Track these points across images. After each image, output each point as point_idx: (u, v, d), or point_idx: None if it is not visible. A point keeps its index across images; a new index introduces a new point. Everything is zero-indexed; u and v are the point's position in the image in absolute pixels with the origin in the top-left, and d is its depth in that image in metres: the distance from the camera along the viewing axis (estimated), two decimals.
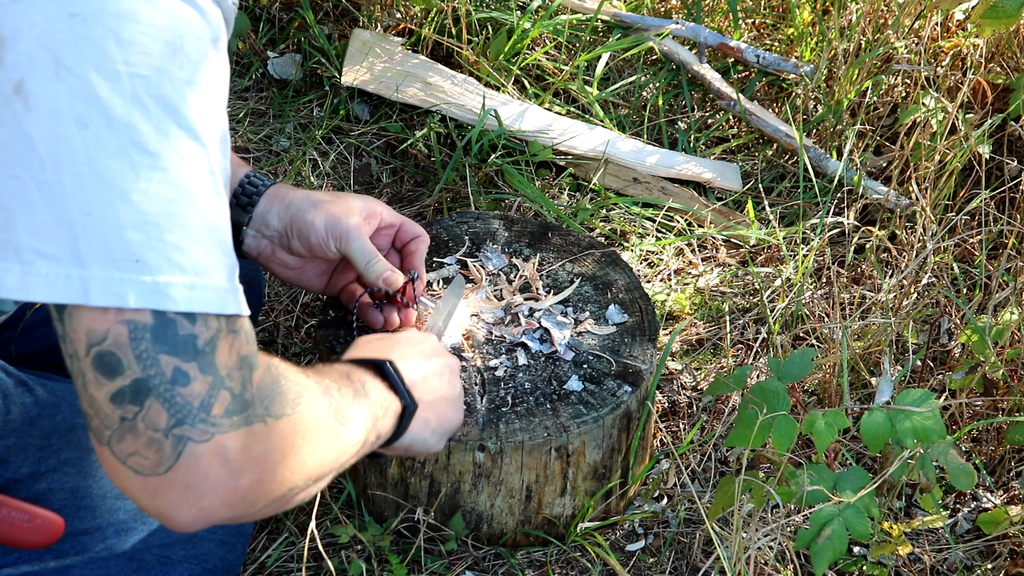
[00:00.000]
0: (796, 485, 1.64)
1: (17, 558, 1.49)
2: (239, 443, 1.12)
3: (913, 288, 2.22)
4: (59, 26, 1.03)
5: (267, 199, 1.70)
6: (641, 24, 2.86)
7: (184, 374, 1.08)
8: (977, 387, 1.99)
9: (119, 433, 1.09)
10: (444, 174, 2.53)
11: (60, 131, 1.04)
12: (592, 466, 1.82)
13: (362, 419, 1.34)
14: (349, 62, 2.71)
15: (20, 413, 1.47)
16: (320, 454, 1.24)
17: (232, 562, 1.62)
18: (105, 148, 1.04)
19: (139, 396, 1.08)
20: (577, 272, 2.00)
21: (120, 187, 1.04)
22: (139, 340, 1.07)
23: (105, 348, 1.07)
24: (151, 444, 1.09)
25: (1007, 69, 2.57)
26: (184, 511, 1.12)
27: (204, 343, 1.09)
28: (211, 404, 1.10)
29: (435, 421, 1.55)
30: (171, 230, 1.06)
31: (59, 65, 1.03)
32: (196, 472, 1.10)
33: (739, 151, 2.78)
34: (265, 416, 1.15)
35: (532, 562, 1.88)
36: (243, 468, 1.13)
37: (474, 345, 1.85)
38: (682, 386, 2.20)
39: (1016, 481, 2.02)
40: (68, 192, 1.04)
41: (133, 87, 1.04)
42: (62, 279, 1.05)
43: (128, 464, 1.10)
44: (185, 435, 1.09)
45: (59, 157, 1.04)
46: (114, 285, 1.05)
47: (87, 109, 1.04)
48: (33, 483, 1.48)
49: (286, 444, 1.17)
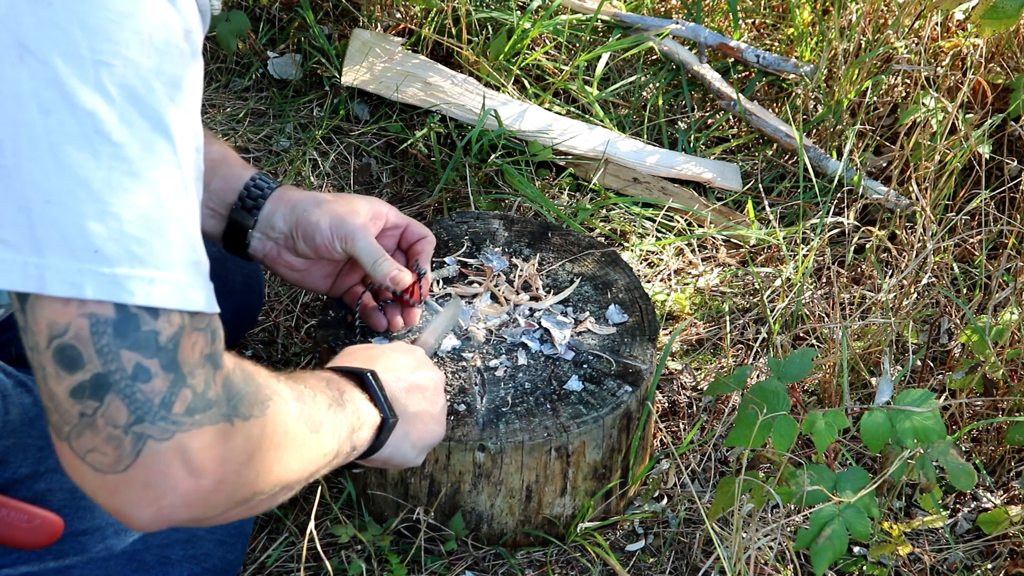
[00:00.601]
0: (796, 485, 1.64)
1: (17, 558, 1.49)
2: (201, 442, 1.09)
3: (913, 288, 2.22)
4: (24, 9, 1.01)
5: (272, 201, 1.69)
6: (641, 24, 2.86)
7: (145, 370, 1.06)
8: (977, 387, 1.99)
9: (78, 429, 1.07)
10: (444, 174, 2.53)
11: (22, 116, 1.02)
12: (592, 466, 1.82)
13: (336, 429, 1.32)
14: (349, 62, 2.71)
15: (19, 413, 1.47)
16: (288, 460, 1.22)
17: (232, 562, 1.62)
18: (67, 135, 1.02)
19: (99, 391, 1.05)
20: (577, 272, 2.00)
21: (81, 176, 1.02)
22: (100, 334, 1.04)
23: (66, 341, 1.04)
24: (110, 441, 1.07)
25: (1007, 69, 2.57)
26: (142, 510, 1.09)
27: (166, 340, 1.07)
28: (172, 402, 1.07)
29: (415, 435, 1.54)
30: (132, 222, 1.04)
31: (23, 49, 1.01)
32: (155, 471, 1.08)
33: (739, 151, 2.78)
34: (231, 416, 1.12)
35: (532, 562, 1.88)
36: (205, 468, 1.10)
37: (474, 345, 1.86)
38: (682, 386, 2.20)
39: (1016, 481, 2.02)
40: (28, 178, 1.02)
41: (98, 75, 1.02)
42: (19, 266, 1.03)
43: (87, 460, 1.08)
44: (145, 432, 1.07)
45: (20, 142, 1.02)
46: (71, 275, 1.03)
47: (50, 95, 1.02)
48: (32, 483, 1.48)
49: (252, 446, 1.15)
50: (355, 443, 1.40)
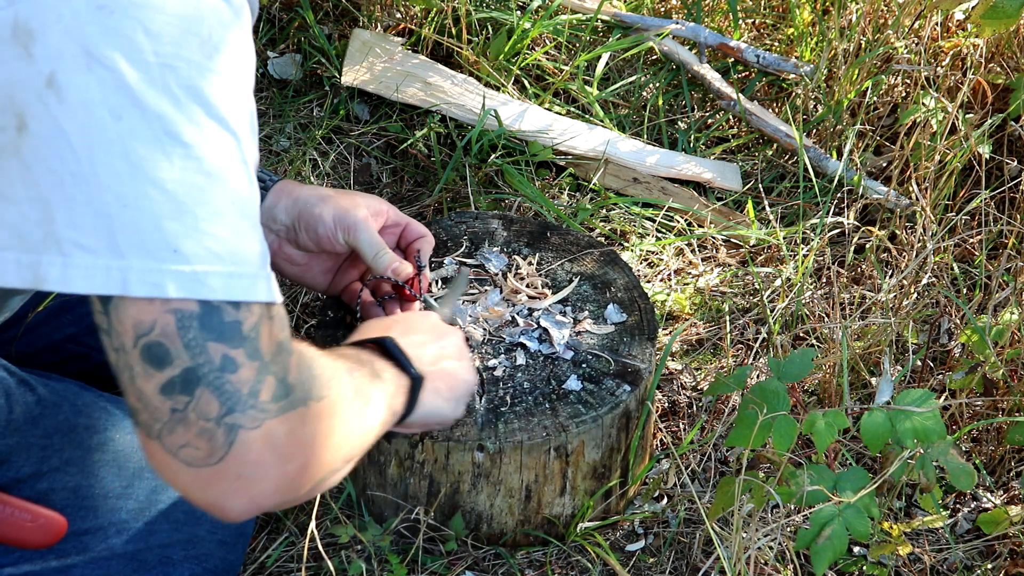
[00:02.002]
0: (796, 485, 1.64)
1: (19, 557, 1.49)
2: (286, 428, 1.12)
3: (913, 288, 2.22)
4: (87, 18, 1.03)
5: (274, 194, 1.70)
6: (641, 24, 2.86)
7: (232, 361, 1.08)
8: (977, 387, 1.99)
9: (170, 425, 1.08)
10: (444, 174, 2.53)
11: (94, 123, 1.04)
12: (591, 466, 1.82)
13: (380, 398, 1.35)
14: (349, 62, 2.71)
15: (23, 412, 1.47)
16: (353, 434, 1.24)
17: (233, 562, 1.63)
18: (139, 138, 1.04)
19: (189, 385, 1.07)
20: (576, 271, 2.00)
21: (155, 177, 1.05)
22: (187, 328, 1.06)
23: (153, 339, 1.06)
24: (203, 434, 1.08)
25: (1007, 69, 2.57)
26: (237, 500, 1.12)
27: (249, 329, 1.09)
28: (259, 390, 1.10)
29: (445, 389, 1.54)
30: (207, 219, 1.06)
31: (89, 57, 1.03)
32: (248, 460, 1.10)
33: (739, 151, 2.78)
34: (307, 400, 1.15)
35: (532, 562, 1.88)
36: (292, 453, 1.12)
37: (473, 345, 1.85)
38: (682, 386, 2.20)
39: (1016, 481, 2.02)
40: (104, 183, 1.04)
41: (163, 77, 1.05)
42: (101, 271, 1.05)
43: (179, 456, 1.09)
44: (237, 423, 1.09)
45: (94, 149, 1.04)
46: (153, 275, 1.05)
47: (119, 100, 1.04)
48: (35, 482, 1.48)
49: (326, 426, 1.17)
50: (394, 409, 1.41)
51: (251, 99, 1.13)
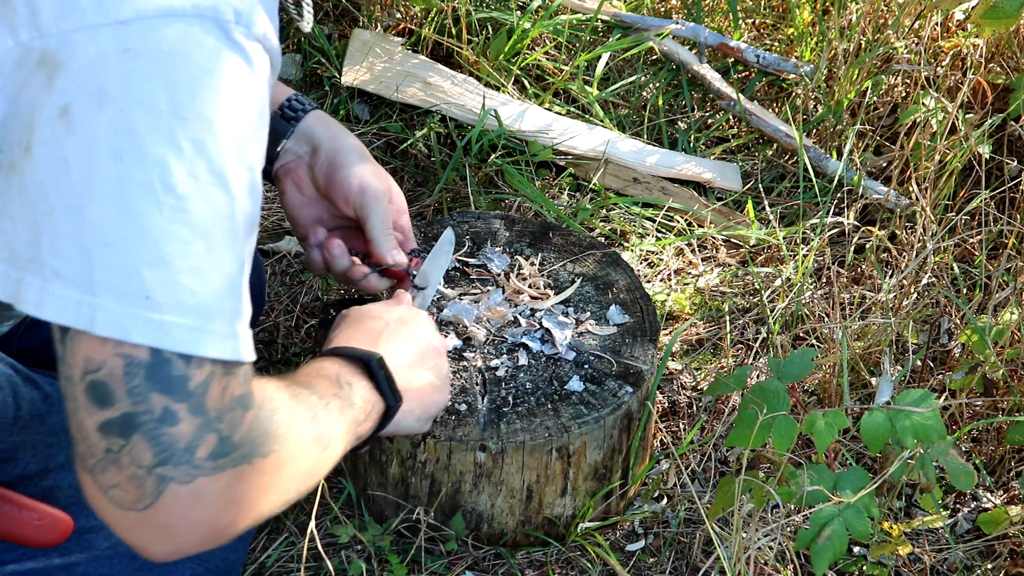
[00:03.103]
0: (796, 485, 1.64)
1: (22, 555, 1.49)
2: (221, 486, 1.12)
3: (913, 288, 2.22)
4: (111, 59, 1.05)
5: (316, 118, 1.70)
6: (641, 24, 2.86)
7: (173, 414, 1.09)
8: (977, 387, 2.00)
9: (103, 464, 1.09)
10: (444, 174, 2.53)
11: (95, 160, 1.06)
12: (593, 466, 1.82)
13: (344, 432, 1.34)
14: (349, 62, 2.71)
15: (29, 409, 1.48)
16: (298, 482, 1.25)
17: (233, 562, 1.63)
18: (135, 183, 1.06)
19: (126, 430, 1.08)
20: (578, 272, 2.00)
21: (143, 224, 1.06)
22: (133, 375, 1.08)
23: (100, 377, 1.08)
24: (133, 479, 1.09)
25: (1007, 69, 2.57)
26: (159, 547, 1.13)
27: (196, 385, 1.10)
28: (197, 446, 1.10)
29: (419, 409, 1.56)
30: (185, 272, 1.07)
31: (104, 96, 1.05)
32: (175, 513, 1.11)
33: (739, 151, 2.78)
34: (251, 457, 1.15)
35: (532, 562, 1.88)
36: (223, 509, 1.13)
37: (475, 345, 1.86)
38: (682, 386, 2.20)
39: (1016, 481, 2.02)
40: (92, 220, 1.06)
41: (172, 128, 1.06)
42: (73, 303, 1.07)
43: (109, 495, 1.11)
44: (167, 475, 1.09)
45: (90, 185, 1.06)
46: (121, 318, 1.06)
47: (124, 143, 1.06)
48: (40, 479, 1.48)
49: (268, 481, 1.18)
50: (359, 434, 1.42)
51: (259, 161, 1.14)
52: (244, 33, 1.10)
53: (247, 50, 1.11)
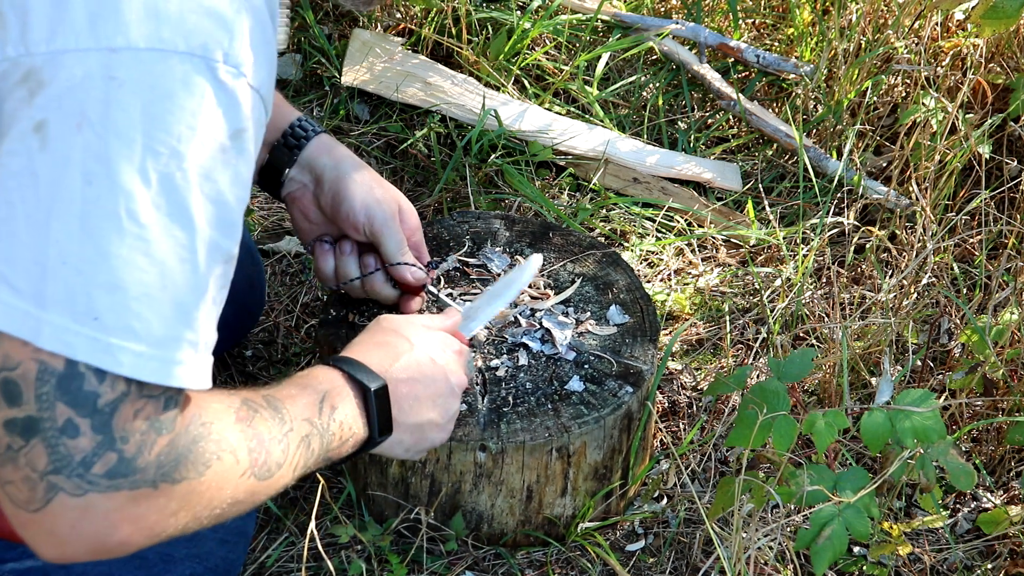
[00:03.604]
0: (796, 485, 1.64)
1: (22, 553, 1.49)
2: (114, 504, 1.12)
3: (913, 288, 2.22)
4: (96, 84, 1.07)
5: (320, 145, 1.74)
6: (641, 24, 2.86)
7: (75, 427, 1.10)
8: (977, 387, 2.00)
9: (2, 459, 1.11)
10: (444, 174, 2.53)
11: (65, 179, 1.07)
12: (593, 466, 1.82)
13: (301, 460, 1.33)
14: (349, 62, 2.71)
15: None
16: (220, 508, 1.23)
17: (234, 561, 1.63)
18: (101, 208, 1.08)
19: (27, 433, 1.09)
20: (578, 272, 2.00)
21: (103, 248, 1.08)
22: (44, 382, 1.09)
23: (13, 376, 1.09)
24: (26, 481, 1.10)
25: (1007, 69, 2.57)
26: (46, 550, 1.14)
27: (104, 403, 1.10)
28: (93, 462, 1.11)
29: (411, 442, 1.54)
30: (137, 299, 1.09)
31: (83, 119, 1.07)
32: (61, 521, 1.12)
33: (739, 151, 2.78)
34: (158, 481, 1.14)
35: (532, 562, 1.88)
36: (113, 526, 1.13)
37: (475, 345, 1.86)
38: (682, 386, 2.20)
39: (1016, 481, 2.02)
40: (52, 237, 1.07)
41: (143, 159, 1.08)
42: (20, 313, 1.08)
43: (5, 490, 1.12)
44: (58, 484, 1.10)
45: (55, 202, 1.07)
46: (67, 335, 1.08)
47: (96, 168, 1.07)
48: None
49: (174, 506, 1.17)
50: (331, 457, 1.40)
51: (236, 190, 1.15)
52: (232, 74, 1.12)
53: (233, 91, 1.13)
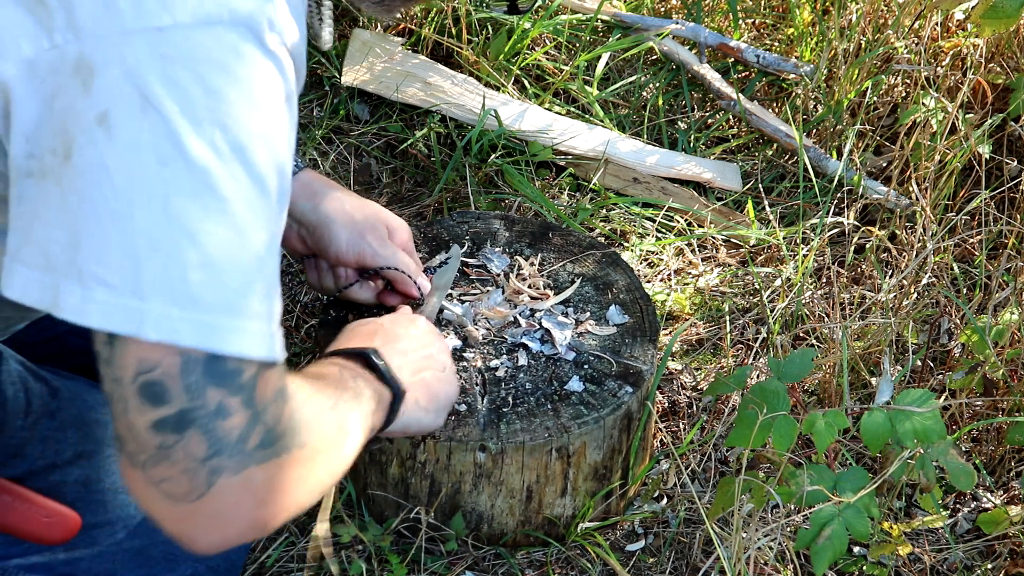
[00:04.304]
0: (796, 485, 1.64)
1: (27, 549, 1.50)
2: (268, 474, 1.15)
3: (913, 288, 2.22)
4: (149, 65, 1.06)
5: (298, 186, 1.75)
6: (641, 24, 2.86)
7: (226, 408, 1.11)
8: (977, 387, 2.00)
9: (155, 459, 1.11)
10: (444, 174, 2.53)
11: (139, 165, 1.06)
12: (592, 466, 1.82)
13: (360, 423, 1.37)
14: (349, 62, 2.71)
15: (40, 405, 1.49)
16: (331, 468, 1.28)
17: (235, 561, 1.63)
18: (181, 188, 1.06)
19: (181, 426, 1.10)
20: (578, 272, 2.00)
21: (190, 228, 1.07)
22: (190, 372, 1.09)
23: (154, 377, 1.09)
24: (186, 473, 1.11)
25: (1007, 69, 2.57)
26: (209, 537, 1.15)
27: (248, 378, 1.12)
28: (248, 437, 1.13)
29: (425, 400, 1.57)
30: (231, 274, 1.09)
31: (145, 101, 1.06)
32: (225, 502, 1.13)
33: (739, 151, 2.78)
34: (291, 447, 1.18)
35: (532, 562, 1.89)
36: (268, 498, 1.16)
37: (474, 345, 1.86)
38: (682, 386, 2.20)
39: (1016, 481, 2.02)
40: (139, 225, 1.06)
41: (212, 133, 1.07)
42: (120, 309, 1.07)
43: (160, 488, 1.12)
44: (220, 466, 1.12)
45: (134, 190, 1.06)
46: (171, 322, 1.07)
47: (167, 148, 1.06)
48: (48, 474, 1.49)
49: (306, 470, 1.21)
50: (373, 424, 1.44)
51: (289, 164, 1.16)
52: (277, 41, 1.12)
53: (280, 57, 1.13)
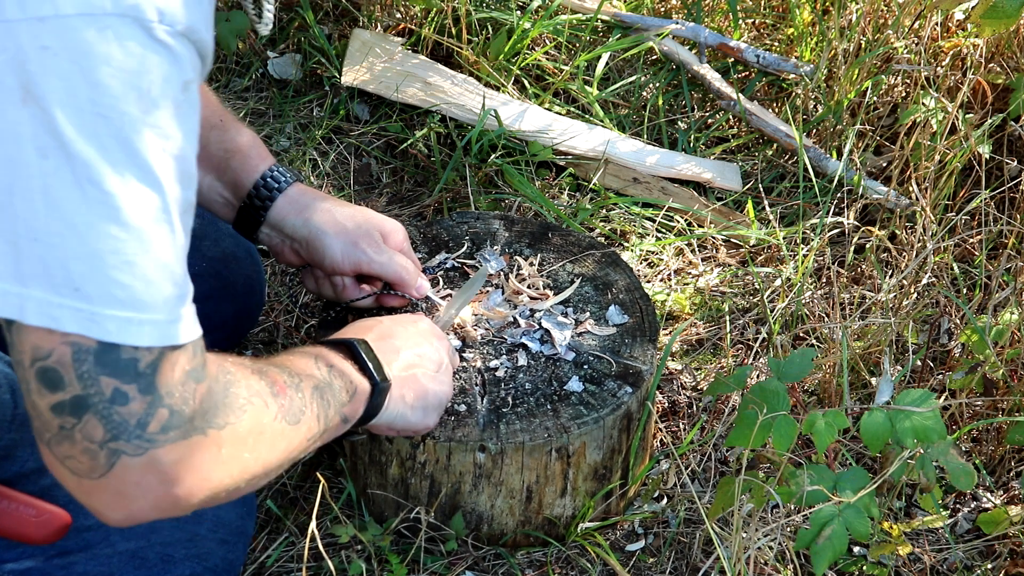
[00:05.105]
0: (796, 485, 1.64)
1: (21, 553, 1.50)
2: (174, 456, 1.16)
3: (913, 288, 2.22)
4: (30, 56, 1.04)
5: (286, 202, 1.74)
6: (641, 24, 2.86)
7: (123, 395, 1.12)
8: (977, 387, 2.00)
9: (57, 438, 1.13)
10: (444, 174, 2.53)
11: (19, 156, 1.06)
12: (592, 467, 1.82)
13: (321, 411, 1.37)
14: (349, 62, 2.71)
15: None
16: (264, 455, 1.27)
17: (233, 561, 1.63)
18: (61, 180, 1.06)
19: (78, 410, 1.11)
20: (577, 273, 2.00)
21: (71, 220, 1.07)
22: (82, 361, 1.09)
23: (48, 364, 1.10)
24: (86, 452, 1.13)
25: (1007, 69, 2.57)
26: (114, 511, 1.17)
27: (146, 366, 1.12)
28: (148, 422, 1.13)
29: (412, 396, 1.57)
30: (115, 267, 1.08)
31: (26, 93, 1.05)
32: (128, 481, 1.14)
33: (739, 151, 2.78)
34: (205, 428, 1.18)
35: (532, 562, 1.88)
36: (177, 478, 1.16)
37: (474, 345, 1.86)
38: (682, 386, 2.20)
39: (1016, 481, 2.02)
40: (19, 215, 1.06)
41: (95, 126, 1.06)
42: (2, 294, 1.08)
43: (65, 465, 1.15)
44: (119, 449, 1.13)
45: (15, 180, 1.06)
46: (51, 308, 1.08)
47: (48, 140, 1.05)
48: (39, 478, 1.48)
49: (226, 453, 1.21)
50: (346, 415, 1.44)
51: (190, 151, 1.15)
52: (168, 31, 1.09)
53: (171, 46, 1.10)
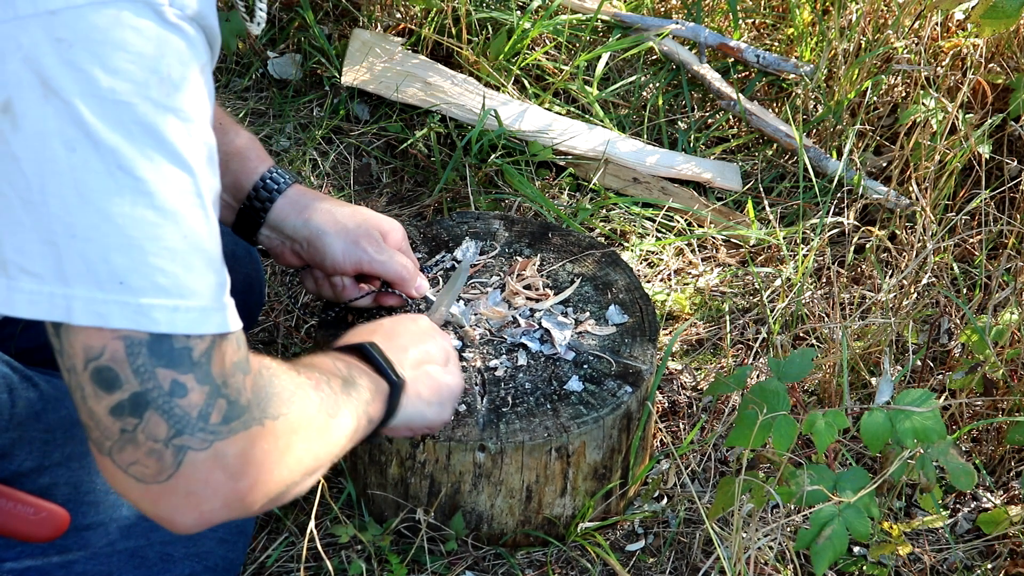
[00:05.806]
0: (796, 485, 1.64)
1: (20, 552, 1.50)
2: (238, 448, 1.15)
3: (913, 288, 2.22)
4: (45, 50, 1.04)
5: (286, 203, 1.73)
6: (641, 24, 2.86)
7: (182, 386, 1.11)
8: (977, 387, 2.00)
9: (119, 444, 1.11)
10: (444, 174, 2.53)
11: (47, 153, 1.05)
12: (592, 466, 1.82)
13: (352, 408, 1.37)
14: (349, 62, 2.71)
15: (25, 407, 1.48)
16: (315, 448, 1.27)
17: (233, 561, 1.63)
18: (92, 171, 1.06)
19: (138, 408, 1.10)
20: (577, 272, 2.00)
21: (106, 210, 1.06)
22: (136, 355, 1.09)
23: (103, 363, 1.09)
24: (151, 454, 1.11)
25: (1007, 69, 2.57)
26: (186, 515, 1.15)
27: (200, 355, 1.11)
28: (209, 413, 1.12)
29: (428, 392, 1.57)
30: (155, 253, 1.08)
31: (46, 88, 1.04)
32: (196, 479, 1.13)
33: (739, 151, 2.78)
34: (262, 419, 1.17)
35: (532, 562, 1.88)
36: (242, 471, 1.15)
37: (474, 345, 1.86)
38: (682, 386, 2.20)
39: (1016, 481, 2.02)
40: (54, 213, 1.06)
41: (119, 113, 1.06)
42: (45, 297, 1.07)
43: (129, 473, 1.12)
44: (185, 444, 1.12)
45: (45, 178, 1.05)
46: (97, 305, 1.07)
47: (74, 133, 1.05)
48: (37, 477, 1.48)
49: (283, 444, 1.20)
50: (370, 415, 1.43)
51: (209, 135, 1.14)
52: (177, 14, 1.09)
53: (184, 29, 1.10)
